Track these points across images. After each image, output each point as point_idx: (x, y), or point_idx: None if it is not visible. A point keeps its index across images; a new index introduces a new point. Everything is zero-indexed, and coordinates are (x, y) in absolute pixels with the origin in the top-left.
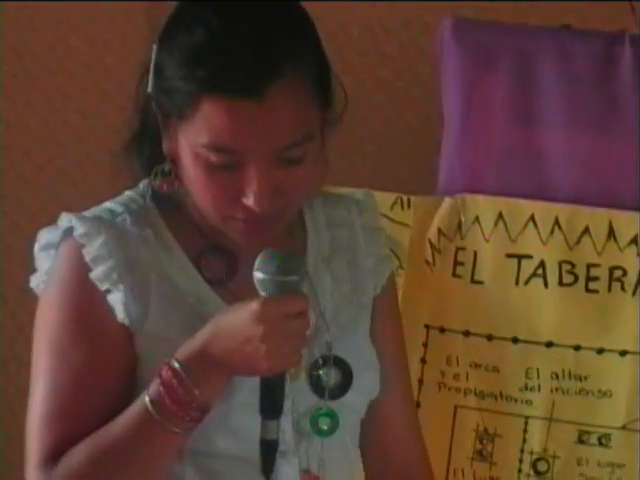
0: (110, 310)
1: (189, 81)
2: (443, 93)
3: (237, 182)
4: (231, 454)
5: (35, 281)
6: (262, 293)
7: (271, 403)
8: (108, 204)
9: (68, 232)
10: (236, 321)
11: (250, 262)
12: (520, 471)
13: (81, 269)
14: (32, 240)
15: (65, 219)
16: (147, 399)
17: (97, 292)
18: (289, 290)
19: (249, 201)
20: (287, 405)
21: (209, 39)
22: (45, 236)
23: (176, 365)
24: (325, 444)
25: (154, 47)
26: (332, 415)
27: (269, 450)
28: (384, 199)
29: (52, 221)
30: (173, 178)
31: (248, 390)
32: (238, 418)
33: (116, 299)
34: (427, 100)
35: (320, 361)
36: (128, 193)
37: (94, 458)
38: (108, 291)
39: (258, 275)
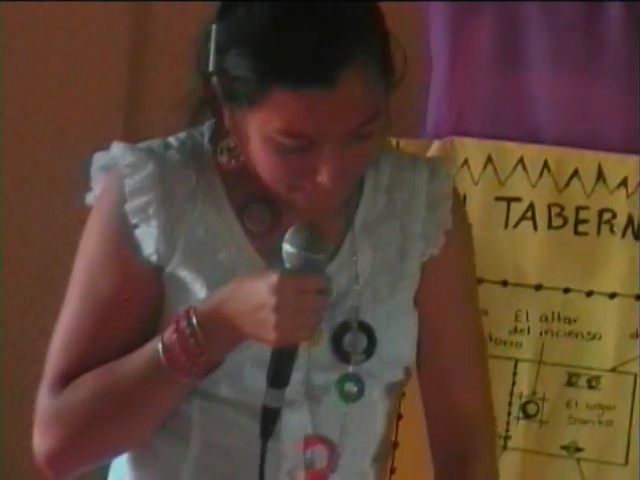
0: (139, 244)
1: (257, 71)
2: (430, 38)
3: (309, 162)
4: (238, 402)
5: (90, 199)
6: (287, 265)
7: (278, 373)
8: (170, 138)
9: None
10: (254, 286)
11: (295, 219)
12: (509, 414)
13: (120, 200)
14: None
15: (116, 147)
16: (160, 345)
17: (131, 225)
18: (313, 267)
19: (323, 179)
20: (303, 363)
21: (274, 25)
22: (102, 157)
23: (193, 316)
24: (348, 411)
25: (213, 26)
26: (358, 381)
27: (270, 417)
28: None
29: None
30: (238, 153)
31: (261, 345)
32: (248, 371)
33: (147, 234)
34: (413, 43)
35: (348, 325)
36: (191, 131)
37: (99, 391)
38: (137, 225)
39: (286, 247)
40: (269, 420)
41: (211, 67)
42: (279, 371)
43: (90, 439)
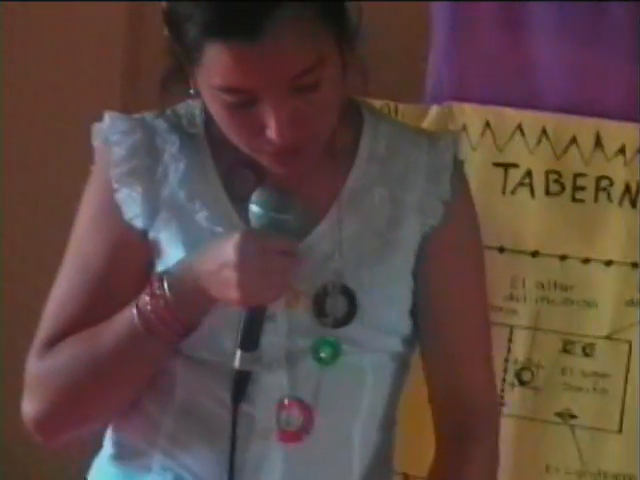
0: (120, 208)
1: (191, 26)
2: (431, 2)
3: (258, 117)
4: (217, 364)
5: None
6: (253, 226)
7: (248, 335)
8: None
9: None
10: (221, 246)
11: (279, 183)
12: (504, 380)
13: (108, 168)
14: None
15: (108, 116)
16: (134, 308)
17: (114, 190)
18: (279, 227)
19: (271, 134)
20: (283, 326)
21: None
22: (99, 129)
23: (165, 279)
24: (323, 374)
25: None
26: (334, 345)
27: (241, 380)
28: None
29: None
30: (203, 116)
31: (235, 308)
32: (225, 334)
33: (130, 198)
34: (414, 6)
35: (329, 287)
36: (190, 101)
37: (79, 355)
38: (117, 190)
39: (252, 207)
40: (240, 384)
41: (166, 32)
42: (248, 333)
43: (73, 402)
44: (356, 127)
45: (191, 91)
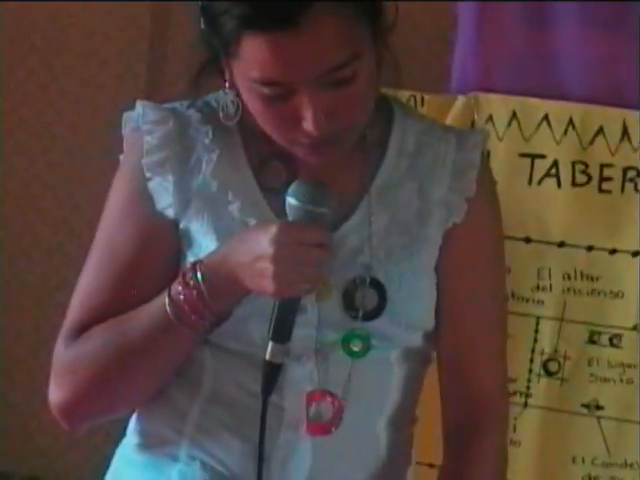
0: (153, 198)
1: (228, 19)
2: None
3: (294, 109)
4: (246, 354)
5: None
6: (289, 218)
7: (280, 327)
8: (199, 99)
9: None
10: (255, 237)
11: (311, 177)
12: (531, 371)
13: (139, 157)
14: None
15: (139, 105)
16: (166, 297)
17: (146, 179)
18: (315, 220)
19: (307, 126)
20: (313, 318)
21: None
22: (130, 118)
23: (198, 269)
24: (353, 367)
25: None
26: (364, 338)
27: (272, 372)
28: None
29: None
30: (238, 109)
31: (266, 298)
32: (254, 324)
33: (162, 188)
34: None
35: (356, 281)
36: (223, 91)
37: (108, 342)
38: (150, 179)
39: (289, 200)
40: (271, 375)
41: (202, 24)
42: (281, 325)
43: (99, 390)
44: (386, 123)
45: (226, 84)
